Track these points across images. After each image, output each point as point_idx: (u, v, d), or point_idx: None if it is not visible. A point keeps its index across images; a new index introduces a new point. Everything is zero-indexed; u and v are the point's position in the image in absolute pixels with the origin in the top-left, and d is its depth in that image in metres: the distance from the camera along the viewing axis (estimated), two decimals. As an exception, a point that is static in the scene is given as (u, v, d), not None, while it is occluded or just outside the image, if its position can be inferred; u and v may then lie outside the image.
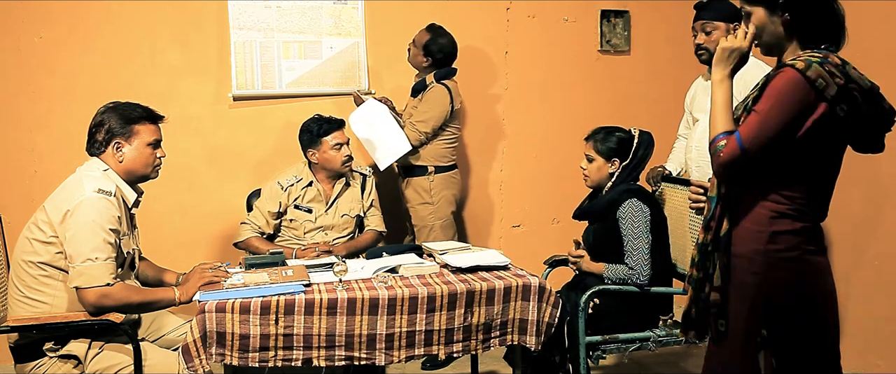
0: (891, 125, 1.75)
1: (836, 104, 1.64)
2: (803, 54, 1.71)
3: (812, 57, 1.68)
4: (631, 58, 4.31)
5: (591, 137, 2.81)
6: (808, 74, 1.64)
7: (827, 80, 1.63)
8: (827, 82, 1.63)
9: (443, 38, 3.52)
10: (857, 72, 1.70)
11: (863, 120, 1.69)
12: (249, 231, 3.16)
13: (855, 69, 1.70)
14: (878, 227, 3.13)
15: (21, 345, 2.28)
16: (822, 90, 1.63)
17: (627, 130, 2.80)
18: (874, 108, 1.70)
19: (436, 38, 3.50)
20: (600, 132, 2.80)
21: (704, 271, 1.82)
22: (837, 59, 1.69)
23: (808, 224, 1.75)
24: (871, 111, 1.70)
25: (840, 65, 1.68)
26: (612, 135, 2.77)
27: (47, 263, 2.25)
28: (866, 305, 3.13)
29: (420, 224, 3.55)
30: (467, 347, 2.35)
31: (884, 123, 1.74)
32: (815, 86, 1.63)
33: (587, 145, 2.81)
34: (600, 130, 2.81)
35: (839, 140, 1.72)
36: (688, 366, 3.48)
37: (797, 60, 1.68)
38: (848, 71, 1.67)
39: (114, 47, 3.58)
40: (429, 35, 3.51)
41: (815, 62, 1.66)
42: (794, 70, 1.66)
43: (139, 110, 2.41)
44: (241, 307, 2.16)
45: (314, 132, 3.15)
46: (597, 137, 2.79)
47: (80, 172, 2.34)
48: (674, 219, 2.87)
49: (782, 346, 1.72)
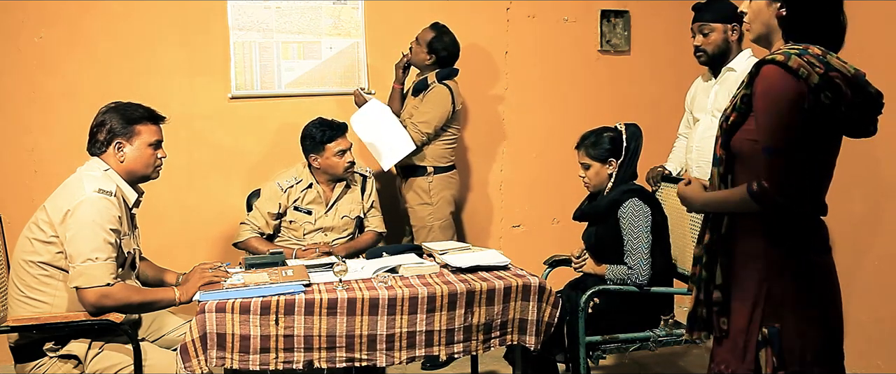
0: (880, 108, 1.74)
1: (820, 92, 1.64)
2: (782, 48, 1.71)
3: (791, 50, 1.68)
4: (631, 58, 4.31)
5: (580, 145, 2.78)
6: (788, 64, 1.63)
7: (808, 69, 1.63)
8: (808, 71, 1.63)
9: (447, 37, 3.52)
10: (839, 60, 1.69)
11: (850, 106, 1.68)
12: (249, 232, 3.15)
13: (837, 58, 1.69)
14: (878, 227, 3.13)
15: (21, 345, 2.28)
16: (805, 78, 1.63)
17: (613, 128, 2.77)
18: (860, 94, 1.70)
19: (441, 36, 3.50)
20: (589, 137, 2.77)
21: (710, 271, 1.81)
22: (818, 50, 1.69)
23: (809, 222, 1.75)
24: (857, 97, 1.69)
25: (820, 55, 1.67)
26: (602, 137, 2.75)
27: (47, 263, 2.25)
28: (866, 305, 3.13)
29: (419, 225, 3.55)
30: (468, 347, 2.35)
31: (872, 107, 1.73)
32: (797, 74, 1.63)
33: (579, 154, 2.78)
34: (588, 135, 2.79)
35: (830, 129, 1.72)
36: (688, 366, 3.48)
37: (775, 55, 1.68)
38: (829, 60, 1.67)
39: (114, 47, 3.58)
40: (433, 33, 3.50)
41: (794, 54, 1.65)
42: (773, 65, 1.66)
43: (140, 111, 2.41)
44: (241, 307, 2.16)
45: (317, 139, 3.12)
46: (587, 143, 2.76)
47: (80, 172, 2.34)
48: (674, 219, 2.87)
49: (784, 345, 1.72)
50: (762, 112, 1.68)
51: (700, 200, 1.84)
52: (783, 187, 1.65)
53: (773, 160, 1.65)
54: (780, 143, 1.65)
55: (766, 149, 1.66)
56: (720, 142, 1.79)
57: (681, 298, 3.04)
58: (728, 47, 2.94)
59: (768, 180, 1.65)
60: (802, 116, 1.65)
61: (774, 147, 1.65)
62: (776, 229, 1.72)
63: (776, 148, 1.65)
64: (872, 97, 1.72)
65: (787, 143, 1.64)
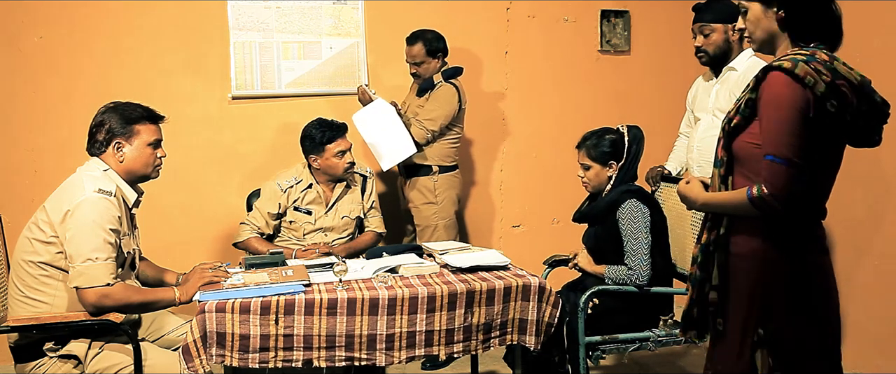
0: (885, 118, 1.75)
1: (825, 100, 1.64)
2: (789, 54, 1.71)
3: (797, 56, 1.68)
4: (631, 58, 4.31)
5: (581, 145, 2.77)
6: (795, 71, 1.64)
7: (815, 77, 1.63)
8: (815, 79, 1.63)
9: (428, 34, 3.49)
10: (846, 67, 1.69)
11: (855, 115, 1.69)
12: (249, 232, 3.15)
13: (844, 65, 1.70)
14: (879, 227, 3.13)
15: (21, 345, 2.28)
16: (811, 87, 1.63)
17: (616, 129, 2.76)
18: (866, 102, 1.70)
19: (426, 38, 3.47)
20: (590, 138, 2.76)
21: (706, 271, 1.81)
22: (825, 55, 1.69)
23: (806, 224, 1.75)
24: (863, 106, 1.69)
25: (827, 61, 1.67)
26: (603, 138, 2.73)
27: (47, 263, 2.25)
28: (866, 305, 3.13)
29: (424, 224, 3.55)
30: (468, 347, 2.35)
31: (878, 117, 1.74)
32: (804, 83, 1.63)
33: (580, 154, 2.77)
34: (589, 135, 2.77)
35: (834, 136, 1.72)
36: (688, 366, 3.48)
37: (783, 61, 1.68)
38: (836, 67, 1.67)
39: (114, 47, 3.58)
40: (418, 42, 3.47)
41: (801, 61, 1.65)
42: (780, 71, 1.66)
43: (140, 110, 2.41)
44: (241, 307, 2.16)
45: (317, 139, 3.11)
46: (588, 144, 2.75)
47: (80, 172, 2.34)
48: (674, 219, 2.87)
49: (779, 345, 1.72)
50: (766, 119, 1.68)
51: (700, 199, 1.84)
52: (784, 195, 1.65)
53: (776, 167, 1.65)
54: (783, 150, 1.65)
55: (769, 156, 1.66)
56: (722, 144, 1.80)
57: (680, 298, 3.02)
58: (729, 47, 2.94)
59: (769, 187, 1.65)
60: (807, 125, 1.65)
61: (777, 154, 1.65)
62: (773, 231, 1.72)
63: (779, 155, 1.65)
64: (878, 106, 1.72)
65: (791, 151, 1.64)
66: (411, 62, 3.53)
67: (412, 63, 3.53)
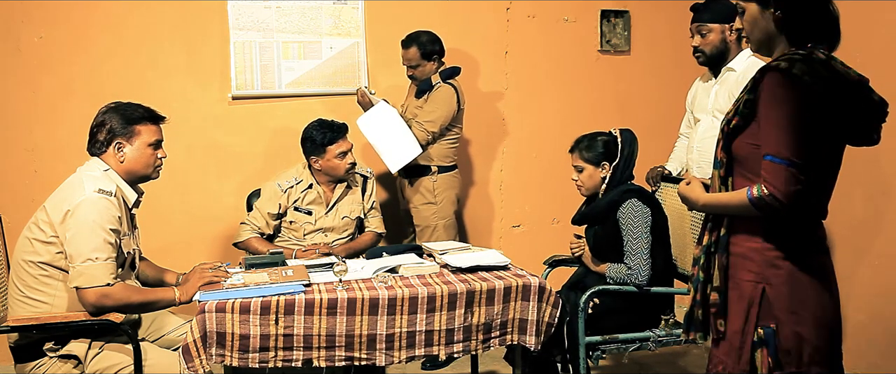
0: (884, 117, 1.75)
1: (824, 100, 1.64)
2: (786, 54, 1.71)
3: (794, 56, 1.68)
4: (631, 58, 4.31)
5: (574, 148, 2.78)
6: (793, 71, 1.64)
7: (812, 76, 1.63)
8: (813, 79, 1.63)
9: (423, 37, 3.49)
10: (843, 66, 1.69)
11: (853, 114, 1.69)
12: (249, 232, 3.15)
13: (842, 64, 1.70)
14: (878, 227, 3.13)
15: (21, 345, 2.28)
16: (809, 86, 1.63)
17: (608, 133, 2.77)
18: (864, 101, 1.70)
19: (420, 42, 3.46)
20: (583, 140, 2.77)
21: (708, 272, 1.81)
22: (822, 55, 1.69)
23: (806, 224, 1.75)
24: (860, 105, 1.69)
25: (824, 60, 1.67)
26: (596, 140, 2.74)
27: (47, 263, 2.25)
28: (866, 305, 3.13)
29: (423, 224, 3.55)
30: (467, 347, 2.35)
31: (876, 116, 1.74)
32: (802, 83, 1.63)
33: (573, 157, 2.78)
34: (582, 138, 2.79)
35: (833, 136, 1.72)
36: (688, 366, 3.48)
37: (780, 61, 1.68)
38: (834, 66, 1.67)
39: (114, 47, 3.58)
40: (413, 46, 3.46)
41: (798, 60, 1.65)
42: (778, 72, 1.66)
43: (140, 111, 2.41)
44: (241, 307, 2.16)
45: (318, 141, 3.10)
46: (581, 147, 2.76)
47: (80, 172, 2.34)
48: (674, 219, 2.87)
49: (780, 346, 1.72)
50: (766, 119, 1.68)
51: (701, 200, 1.85)
52: (784, 195, 1.65)
53: (775, 167, 1.65)
54: (782, 151, 1.64)
55: (768, 156, 1.66)
56: (721, 145, 1.80)
57: (681, 298, 3.03)
58: (726, 48, 2.94)
59: (769, 187, 1.65)
60: (806, 125, 1.65)
61: (777, 155, 1.65)
62: (773, 231, 1.72)
63: (779, 156, 1.65)
64: (876, 105, 1.72)
65: (790, 151, 1.64)
66: (407, 65, 3.53)
67: (408, 66, 3.53)
